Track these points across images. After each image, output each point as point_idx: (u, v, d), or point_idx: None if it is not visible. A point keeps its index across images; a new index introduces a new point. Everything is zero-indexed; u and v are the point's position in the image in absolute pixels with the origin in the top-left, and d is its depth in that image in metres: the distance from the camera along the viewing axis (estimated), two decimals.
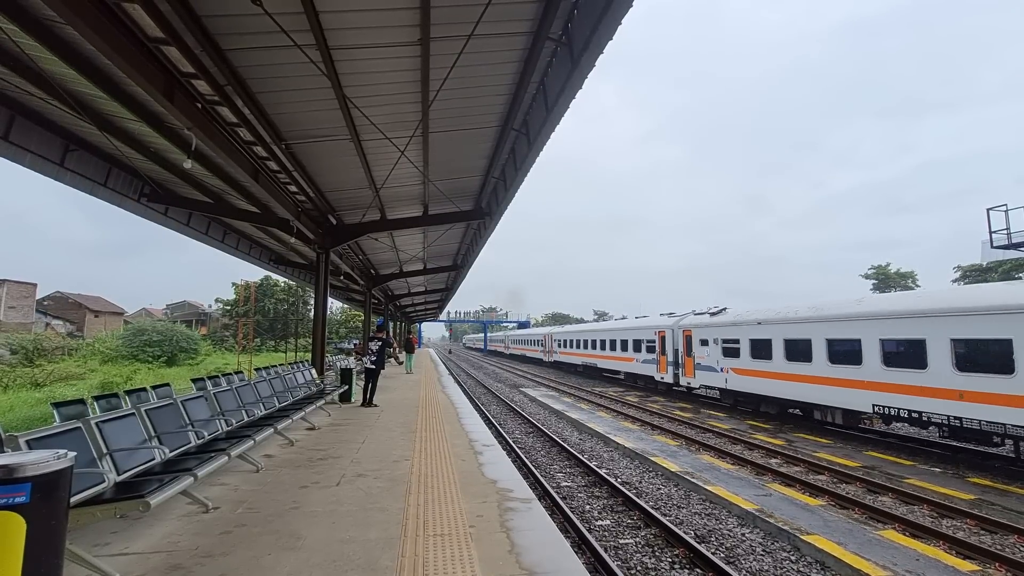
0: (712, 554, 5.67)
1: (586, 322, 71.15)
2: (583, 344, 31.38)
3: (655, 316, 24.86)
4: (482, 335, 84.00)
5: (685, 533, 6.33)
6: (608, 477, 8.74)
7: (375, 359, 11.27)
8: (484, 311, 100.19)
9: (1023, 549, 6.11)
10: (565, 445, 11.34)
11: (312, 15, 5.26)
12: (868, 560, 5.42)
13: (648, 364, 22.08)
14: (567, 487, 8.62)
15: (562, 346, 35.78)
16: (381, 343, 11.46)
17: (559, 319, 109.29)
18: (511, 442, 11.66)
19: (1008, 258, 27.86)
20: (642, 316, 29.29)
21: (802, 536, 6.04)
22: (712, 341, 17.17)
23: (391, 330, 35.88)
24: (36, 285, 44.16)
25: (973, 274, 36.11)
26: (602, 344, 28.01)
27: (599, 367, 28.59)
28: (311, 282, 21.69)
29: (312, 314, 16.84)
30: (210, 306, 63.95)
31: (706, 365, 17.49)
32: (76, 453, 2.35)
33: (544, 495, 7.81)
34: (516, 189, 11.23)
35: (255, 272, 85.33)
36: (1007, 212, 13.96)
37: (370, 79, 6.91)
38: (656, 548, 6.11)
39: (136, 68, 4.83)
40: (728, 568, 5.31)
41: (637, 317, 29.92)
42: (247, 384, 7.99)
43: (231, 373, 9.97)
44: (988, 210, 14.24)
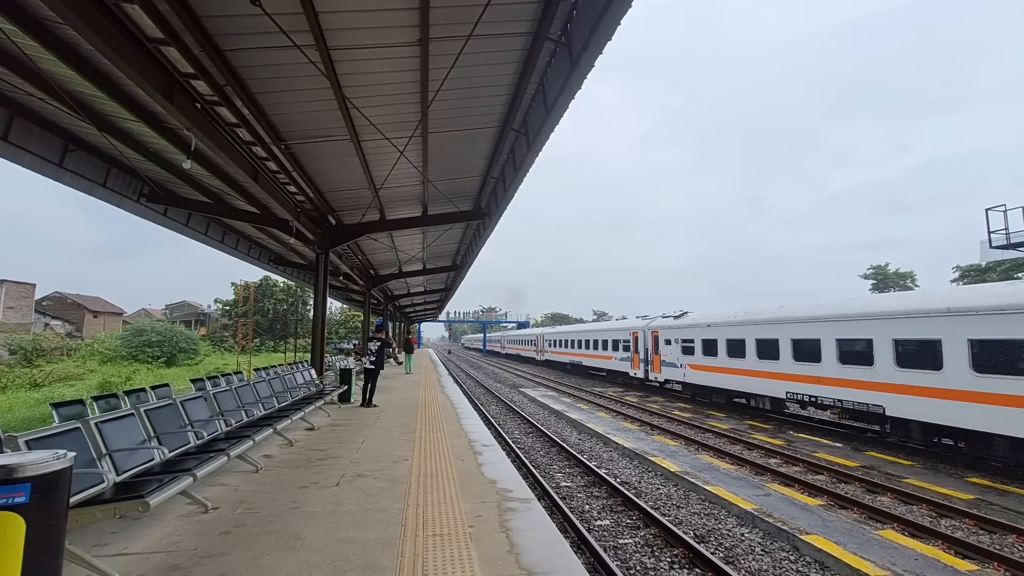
0: (711, 554, 5.67)
1: (585, 322, 72.87)
2: (570, 344, 33.72)
3: (632, 319, 28.28)
4: (480, 335, 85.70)
5: (684, 533, 6.33)
6: (607, 477, 8.75)
7: (374, 359, 11.26)
8: (483, 311, 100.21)
9: (1022, 549, 6.11)
10: (564, 445, 11.35)
11: (311, 15, 5.26)
12: (867, 560, 5.43)
13: (624, 362, 24.57)
14: (566, 487, 8.62)
15: (552, 346, 38.29)
16: (380, 343, 11.45)
17: (558, 319, 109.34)
18: (510, 442, 11.66)
19: (1007, 258, 27.91)
20: (631, 318, 31.08)
21: (801, 536, 6.04)
22: (674, 341, 19.53)
23: (390, 330, 35.87)
24: (35, 285, 44.10)
25: (972, 274, 36.21)
26: (586, 344, 30.46)
27: (584, 365, 31.05)
28: (310, 282, 21.68)
29: (311, 314, 16.85)
30: (209, 306, 63.92)
31: (669, 362, 19.91)
32: (75, 453, 2.35)
33: (543, 495, 7.81)
34: (515, 189, 11.24)
35: (254, 272, 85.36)
36: (1005, 212, 13.97)
37: (369, 79, 6.91)
38: (655, 548, 6.12)
39: (135, 68, 4.83)
40: (727, 568, 5.31)
41: (616, 319, 33.19)
42: (246, 384, 7.98)
43: (230, 373, 9.96)
44: (987, 210, 14.26)
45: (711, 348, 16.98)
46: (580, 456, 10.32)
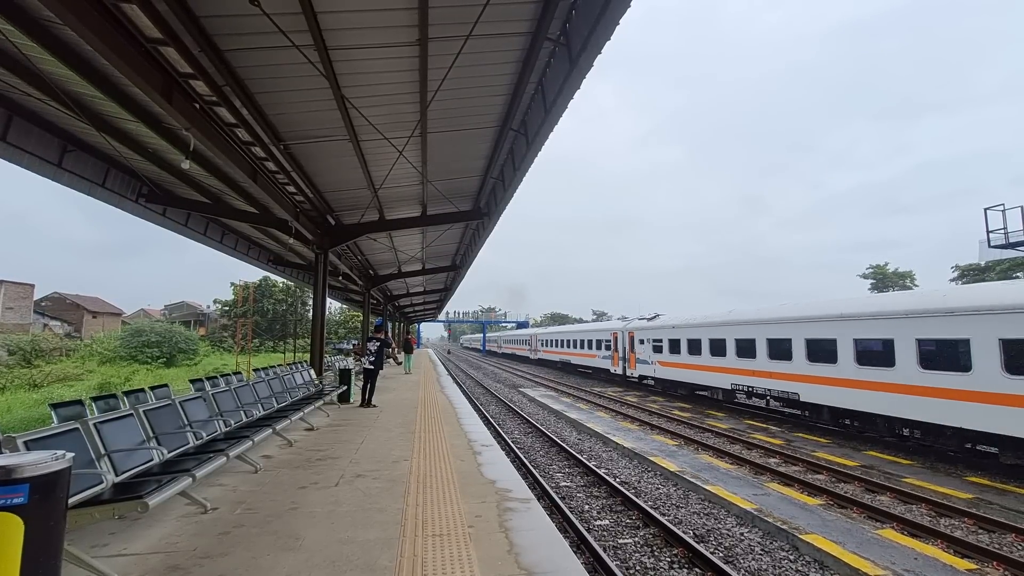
0: (711, 554, 5.67)
1: (585, 321, 74.36)
2: (560, 344, 36.32)
3: (613, 321, 31.99)
4: (480, 335, 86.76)
5: (684, 533, 6.33)
6: (607, 477, 8.75)
7: (374, 359, 11.24)
8: (483, 311, 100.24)
9: (1021, 548, 6.12)
10: (564, 445, 11.35)
11: (310, 15, 5.25)
12: (867, 559, 5.44)
13: (606, 359, 27.04)
14: (566, 487, 8.62)
15: (544, 345, 40.95)
16: (380, 343, 11.43)
17: (558, 319, 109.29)
18: (510, 442, 11.66)
19: (1005, 257, 27.96)
20: (632, 318, 32.66)
21: (801, 535, 6.05)
22: (646, 341, 21.95)
23: (390, 330, 35.87)
24: (34, 286, 44.03)
25: (971, 273, 36.33)
26: (573, 343, 33.07)
27: (572, 363, 33.60)
28: (310, 282, 21.66)
29: (311, 314, 16.82)
30: (208, 307, 63.87)
31: (643, 359, 22.37)
32: (74, 454, 2.34)
33: (543, 495, 7.82)
34: (515, 189, 11.24)
35: (254, 273, 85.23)
36: (1004, 212, 13.98)
37: (368, 79, 6.90)
38: (655, 548, 6.12)
39: (134, 69, 4.82)
40: (727, 567, 5.31)
41: (617, 319, 34.98)
42: (245, 385, 7.98)
43: (229, 374, 9.96)
44: (985, 210, 14.27)
45: (675, 347, 19.43)
46: (580, 456, 10.32)
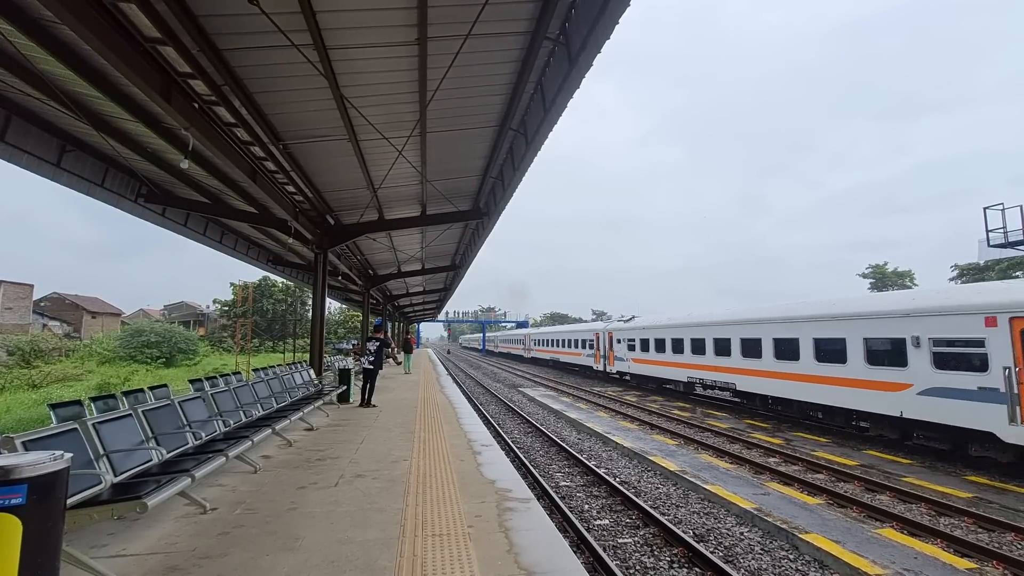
0: (711, 553, 5.67)
1: (585, 321, 75.49)
2: (550, 343, 39.26)
3: (596, 322, 35.99)
4: (479, 335, 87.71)
5: (684, 532, 6.33)
6: (607, 476, 8.75)
7: (373, 359, 11.24)
8: (483, 311, 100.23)
9: (1020, 547, 6.13)
10: (564, 445, 11.34)
11: (309, 15, 5.24)
12: (866, 558, 5.44)
13: (589, 357, 29.82)
14: (566, 487, 8.62)
15: (537, 345, 44.06)
16: (379, 343, 11.42)
17: (557, 319, 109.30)
18: (510, 442, 11.65)
19: (1004, 256, 27.94)
20: (634, 318, 33.83)
21: (800, 535, 6.05)
22: (623, 340, 24.41)
23: (389, 330, 35.86)
24: (33, 286, 43.95)
25: (971, 272, 36.41)
26: (562, 343, 36.00)
27: (561, 361, 36.48)
28: (309, 282, 21.64)
29: (310, 314, 16.81)
30: (208, 307, 63.79)
31: (619, 357, 24.99)
32: (72, 454, 2.33)
33: (543, 495, 7.81)
34: (514, 189, 11.23)
35: (253, 273, 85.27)
36: (1003, 211, 13.99)
37: (367, 79, 6.90)
38: (655, 547, 6.12)
39: (133, 68, 4.82)
40: (727, 567, 5.31)
41: (617, 318, 36.83)
42: (245, 385, 7.98)
43: (229, 374, 9.95)
44: (985, 209, 14.27)
45: (645, 346, 22.12)
46: (579, 456, 10.32)
